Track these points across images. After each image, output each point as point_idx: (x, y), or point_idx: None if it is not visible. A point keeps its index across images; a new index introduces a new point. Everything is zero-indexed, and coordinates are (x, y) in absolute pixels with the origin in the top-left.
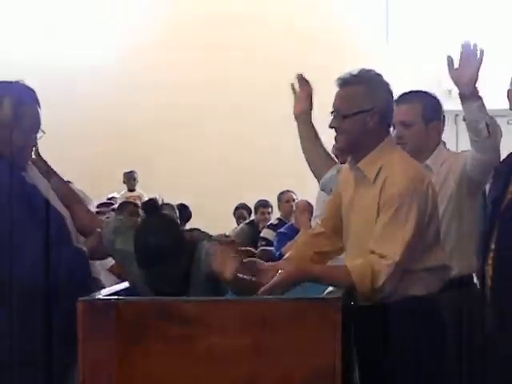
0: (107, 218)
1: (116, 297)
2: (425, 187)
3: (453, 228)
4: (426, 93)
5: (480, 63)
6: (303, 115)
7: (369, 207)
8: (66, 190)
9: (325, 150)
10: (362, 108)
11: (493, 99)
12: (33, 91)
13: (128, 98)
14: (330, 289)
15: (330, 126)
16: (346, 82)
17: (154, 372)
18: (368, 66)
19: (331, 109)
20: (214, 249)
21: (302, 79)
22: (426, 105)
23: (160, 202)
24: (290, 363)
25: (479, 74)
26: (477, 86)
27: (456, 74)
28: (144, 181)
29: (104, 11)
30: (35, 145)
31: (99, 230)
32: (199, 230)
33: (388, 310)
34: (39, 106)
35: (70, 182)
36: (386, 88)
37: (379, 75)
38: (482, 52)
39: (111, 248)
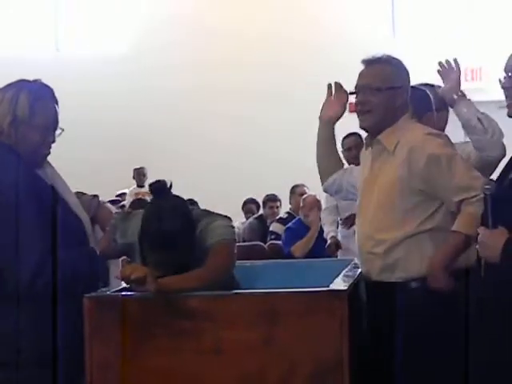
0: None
1: (122, 293)
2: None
3: None
4: (427, 84)
5: (458, 73)
6: (329, 120)
7: (390, 178)
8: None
9: (338, 155)
10: (394, 84)
11: None
12: (50, 88)
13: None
14: (338, 280)
15: (358, 102)
16: (374, 61)
17: (161, 368)
18: None
19: (353, 89)
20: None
21: (340, 88)
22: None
23: (168, 185)
24: (298, 356)
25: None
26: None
27: (441, 91)
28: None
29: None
30: (53, 141)
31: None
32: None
33: (405, 288)
34: (57, 104)
35: (105, 202)
36: (406, 70)
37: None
38: (456, 62)
39: (116, 245)
